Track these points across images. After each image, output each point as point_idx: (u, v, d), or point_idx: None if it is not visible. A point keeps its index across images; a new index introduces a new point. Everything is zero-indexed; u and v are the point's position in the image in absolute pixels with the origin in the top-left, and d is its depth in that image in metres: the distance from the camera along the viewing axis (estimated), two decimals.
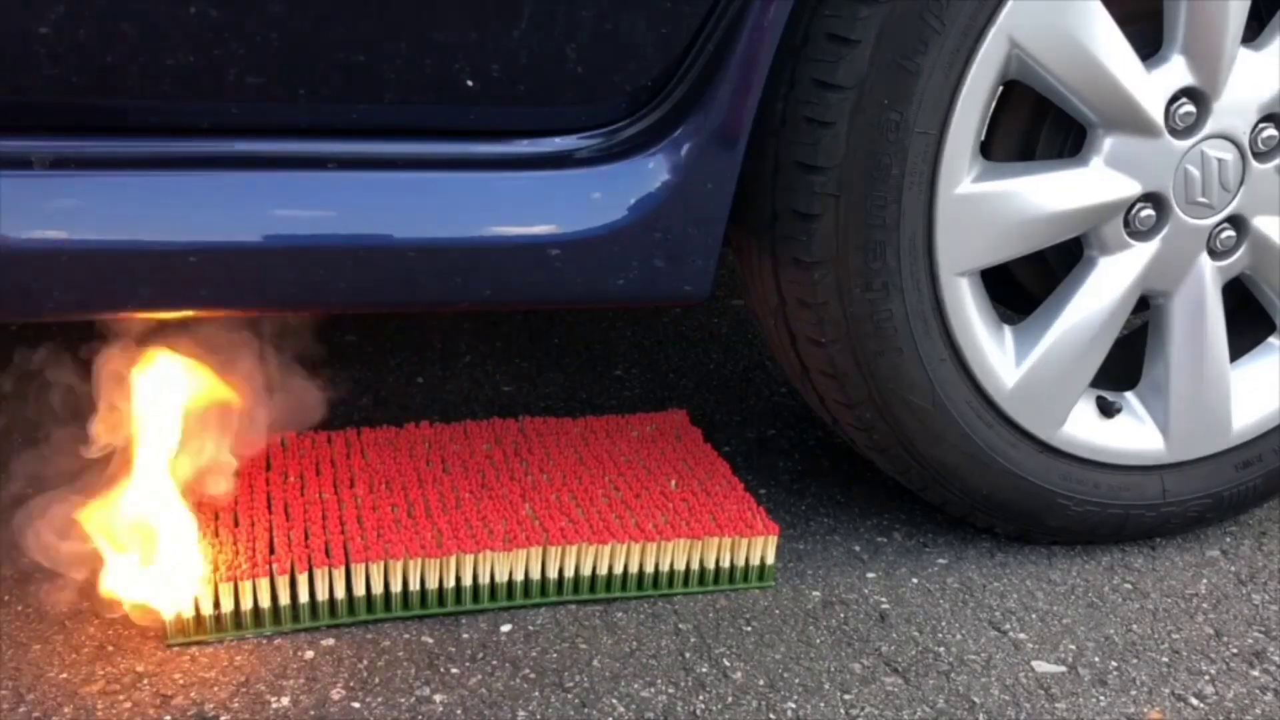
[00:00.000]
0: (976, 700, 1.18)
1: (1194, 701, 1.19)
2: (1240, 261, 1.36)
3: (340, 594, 1.22)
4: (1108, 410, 1.39)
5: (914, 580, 1.37)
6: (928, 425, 1.30)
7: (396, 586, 1.23)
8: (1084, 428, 1.37)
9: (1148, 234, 1.31)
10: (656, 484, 1.39)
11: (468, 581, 1.25)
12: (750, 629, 1.26)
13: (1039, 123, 1.32)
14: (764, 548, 1.32)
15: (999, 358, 1.31)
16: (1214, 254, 1.35)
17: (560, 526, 1.28)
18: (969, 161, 1.23)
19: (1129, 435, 1.39)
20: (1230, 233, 1.34)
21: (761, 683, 1.18)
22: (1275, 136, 1.31)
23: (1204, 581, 1.40)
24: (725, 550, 1.31)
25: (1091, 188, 1.27)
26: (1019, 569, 1.40)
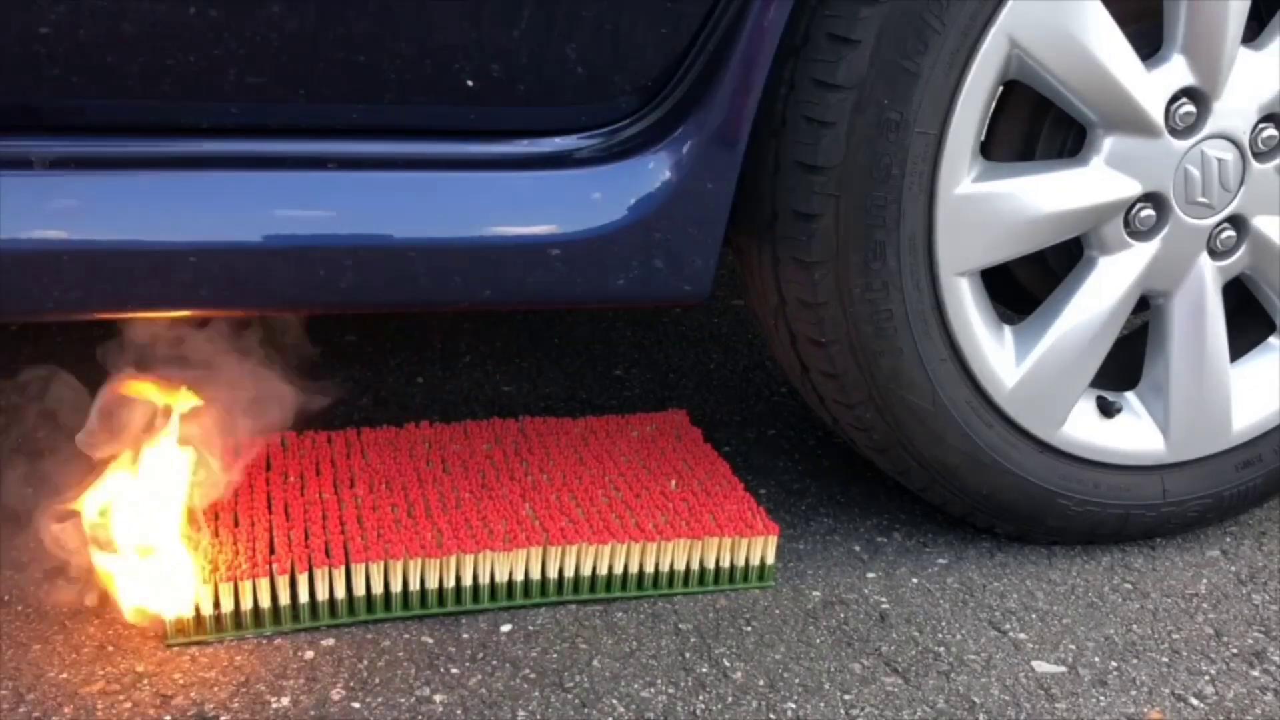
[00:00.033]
0: (976, 700, 1.17)
1: (1194, 701, 1.19)
2: (1240, 261, 1.36)
3: (340, 594, 1.22)
4: (1108, 410, 1.39)
5: (914, 580, 1.37)
6: (928, 425, 1.30)
7: (396, 586, 1.23)
8: (1084, 428, 1.37)
9: (1148, 234, 1.31)
10: (656, 484, 1.39)
11: (468, 581, 1.25)
12: (750, 629, 1.26)
13: (1039, 123, 1.32)
14: (764, 548, 1.32)
15: (999, 358, 1.31)
16: (1214, 254, 1.35)
17: (560, 526, 1.28)
18: (969, 161, 1.23)
19: (1129, 435, 1.39)
20: (1230, 233, 1.34)
21: (761, 683, 1.18)
22: (1275, 136, 1.31)
23: (1204, 581, 1.40)
24: (725, 550, 1.31)
25: (1091, 188, 1.27)
26: (1019, 569, 1.40)
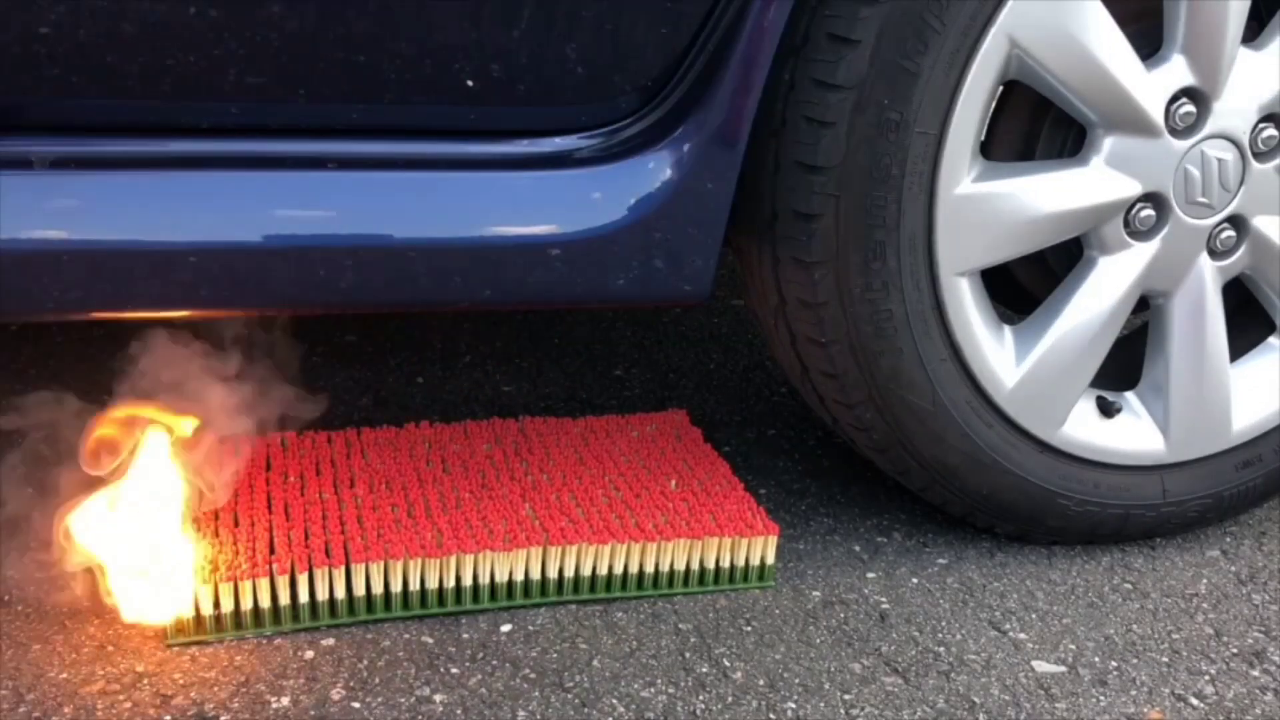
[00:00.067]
0: (976, 700, 1.17)
1: (1194, 701, 1.19)
2: (1240, 261, 1.36)
3: (340, 594, 1.22)
4: (1108, 410, 1.39)
5: (914, 580, 1.37)
6: (928, 425, 1.30)
7: (396, 586, 1.23)
8: (1084, 428, 1.37)
9: (1148, 234, 1.31)
10: (656, 484, 1.39)
11: (468, 581, 1.25)
12: (750, 629, 1.26)
13: (1039, 123, 1.32)
14: (764, 548, 1.32)
15: (999, 358, 1.31)
16: (1214, 254, 1.35)
17: (560, 526, 1.28)
18: (969, 161, 1.23)
19: (1129, 435, 1.39)
20: (1230, 233, 1.34)
21: (761, 683, 1.18)
22: (1275, 136, 1.31)
23: (1204, 581, 1.40)
24: (725, 550, 1.31)
25: (1091, 188, 1.27)
26: (1019, 569, 1.40)
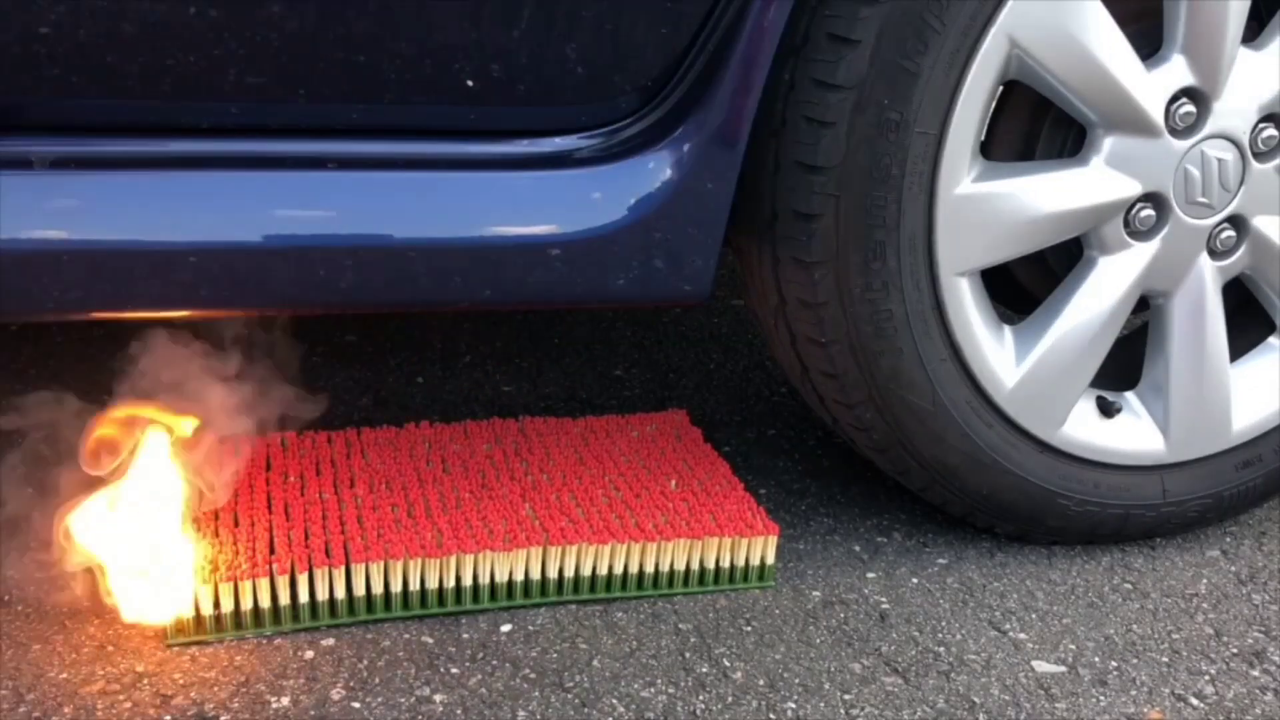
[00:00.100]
0: (976, 700, 1.17)
1: (1194, 701, 1.19)
2: (1240, 261, 1.36)
3: (340, 594, 1.22)
4: (1108, 410, 1.39)
5: (914, 580, 1.37)
6: (928, 425, 1.30)
7: (396, 586, 1.23)
8: (1084, 428, 1.37)
9: (1148, 234, 1.31)
10: (656, 484, 1.39)
11: (468, 581, 1.25)
12: (750, 629, 1.26)
13: (1039, 123, 1.32)
14: (764, 548, 1.32)
15: (999, 358, 1.31)
16: (1214, 254, 1.35)
17: (560, 526, 1.28)
18: (969, 161, 1.23)
19: (1129, 435, 1.39)
20: (1230, 233, 1.34)
21: (761, 683, 1.18)
22: (1275, 136, 1.31)
23: (1204, 581, 1.40)
24: (725, 550, 1.31)
25: (1091, 188, 1.27)
26: (1019, 569, 1.40)
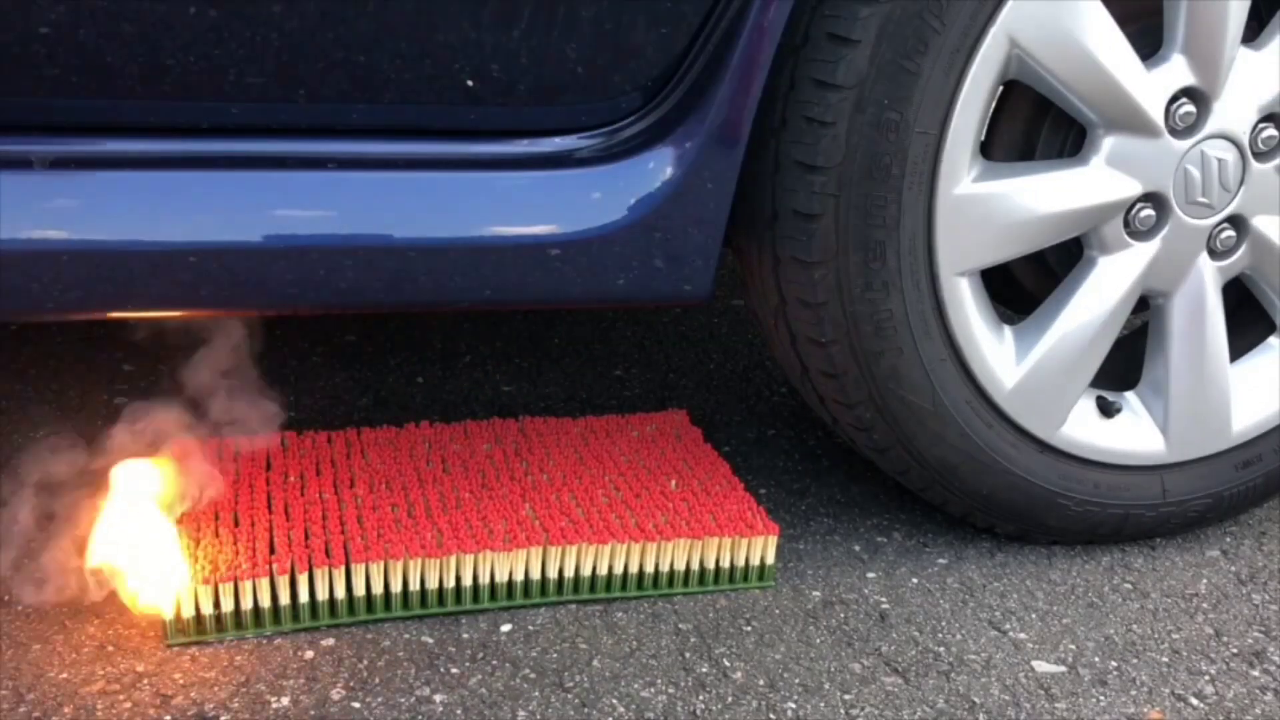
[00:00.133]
0: (976, 700, 1.17)
1: (1194, 701, 1.19)
2: (1240, 261, 1.36)
3: (340, 594, 1.22)
4: (1108, 410, 1.39)
5: (914, 580, 1.37)
6: (928, 425, 1.30)
7: (396, 586, 1.23)
8: (1084, 428, 1.37)
9: (1148, 234, 1.31)
10: (656, 484, 1.39)
11: (468, 581, 1.25)
12: (750, 629, 1.26)
13: (1039, 123, 1.32)
14: (764, 548, 1.32)
15: (999, 358, 1.31)
16: (1214, 254, 1.35)
17: (560, 526, 1.28)
18: (969, 161, 1.23)
19: (1129, 435, 1.39)
20: (1230, 233, 1.34)
21: (761, 683, 1.18)
22: (1275, 136, 1.31)
23: (1204, 581, 1.40)
24: (725, 550, 1.31)
25: (1091, 188, 1.27)
26: (1019, 569, 1.40)
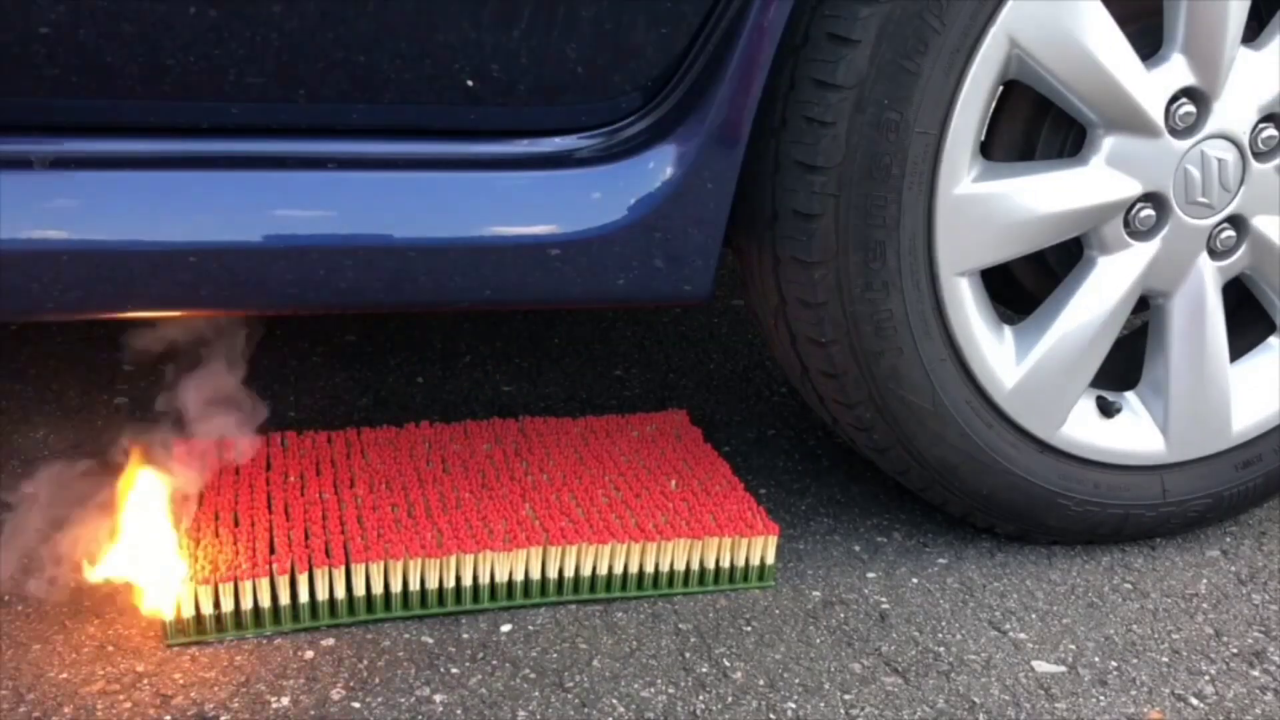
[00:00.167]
0: (976, 700, 1.17)
1: (1194, 701, 1.19)
2: (1240, 261, 1.36)
3: (340, 594, 1.22)
4: (1108, 410, 1.39)
5: (914, 580, 1.37)
6: (928, 425, 1.30)
7: (396, 586, 1.23)
8: (1084, 428, 1.37)
9: (1148, 234, 1.31)
10: (656, 484, 1.39)
11: (468, 581, 1.25)
12: (750, 629, 1.26)
13: (1039, 123, 1.32)
14: (764, 548, 1.32)
15: (999, 358, 1.31)
16: (1214, 254, 1.35)
17: (560, 526, 1.28)
18: (969, 161, 1.23)
19: (1129, 435, 1.39)
20: (1230, 233, 1.34)
21: (761, 683, 1.18)
22: (1275, 136, 1.31)
23: (1204, 581, 1.40)
24: (725, 550, 1.31)
25: (1091, 188, 1.27)
26: (1019, 569, 1.40)
